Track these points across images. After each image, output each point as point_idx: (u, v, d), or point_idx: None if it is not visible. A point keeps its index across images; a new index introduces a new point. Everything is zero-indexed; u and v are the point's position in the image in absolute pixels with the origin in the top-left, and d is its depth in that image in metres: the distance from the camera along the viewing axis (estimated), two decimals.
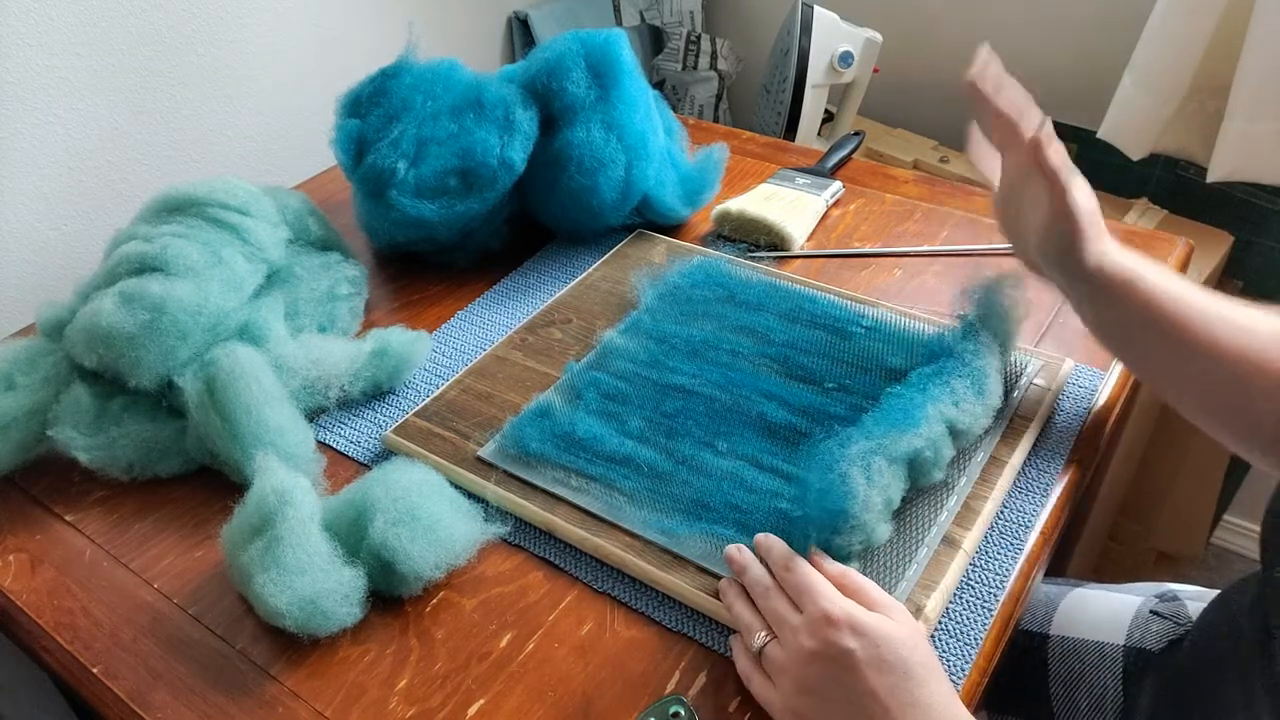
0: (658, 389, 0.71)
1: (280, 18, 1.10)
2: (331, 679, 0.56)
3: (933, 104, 1.46)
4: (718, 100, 1.60)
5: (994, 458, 0.64)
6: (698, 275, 0.81)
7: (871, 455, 0.55)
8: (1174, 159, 1.20)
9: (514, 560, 0.63)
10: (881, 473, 0.55)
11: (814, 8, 1.27)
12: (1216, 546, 1.54)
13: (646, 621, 0.58)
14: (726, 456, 0.65)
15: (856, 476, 0.54)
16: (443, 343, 0.82)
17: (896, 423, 0.58)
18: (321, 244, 0.86)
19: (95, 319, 0.67)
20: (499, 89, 0.86)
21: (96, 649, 0.59)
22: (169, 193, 0.76)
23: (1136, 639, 0.69)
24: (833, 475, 0.55)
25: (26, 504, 0.69)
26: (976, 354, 0.63)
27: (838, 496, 0.54)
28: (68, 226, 0.97)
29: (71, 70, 0.92)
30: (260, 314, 0.73)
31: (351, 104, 0.89)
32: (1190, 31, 1.02)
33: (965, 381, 0.61)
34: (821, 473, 0.56)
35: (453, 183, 0.84)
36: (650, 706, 0.53)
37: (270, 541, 0.57)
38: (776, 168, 1.00)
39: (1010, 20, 1.33)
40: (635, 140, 0.86)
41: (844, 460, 0.55)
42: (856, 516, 0.54)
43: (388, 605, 0.60)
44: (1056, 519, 0.63)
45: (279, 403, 0.67)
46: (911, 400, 0.60)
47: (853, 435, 0.58)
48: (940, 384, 0.61)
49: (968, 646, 0.55)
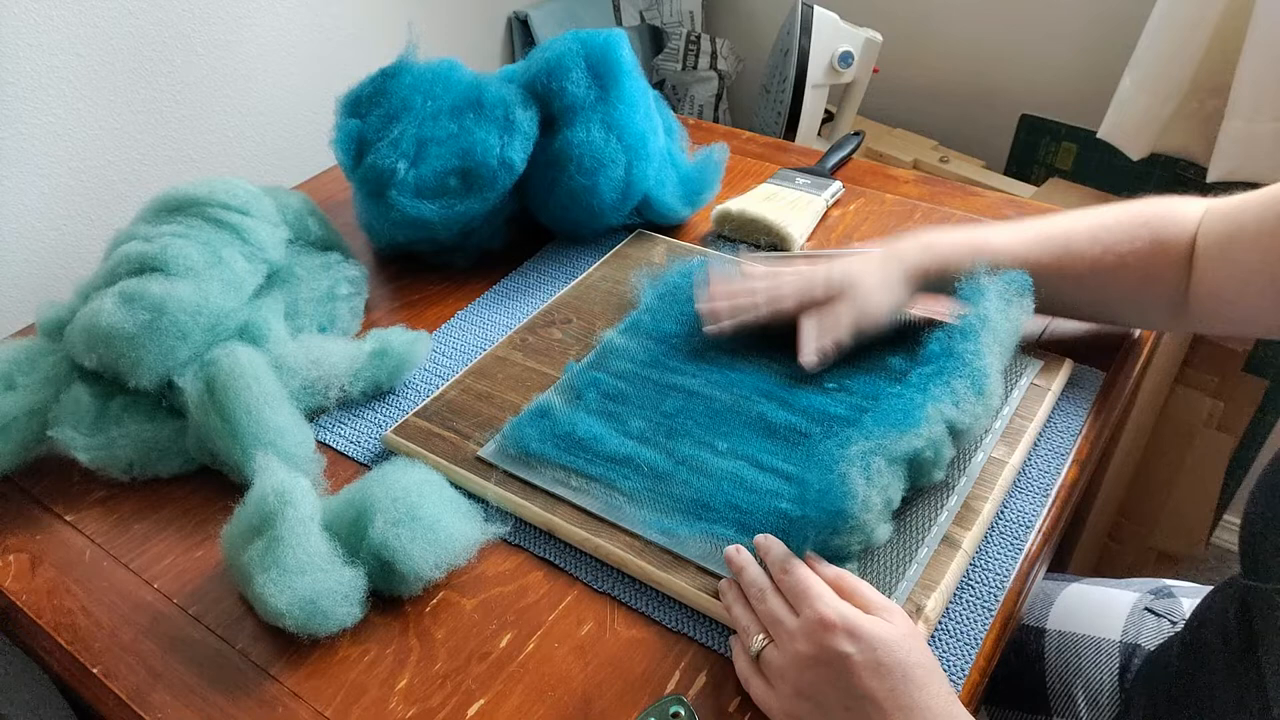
0: (658, 389, 0.71)
1: (280, 18, 1.10)
2: (331, 679, 0.56)
3: (933, 104, 1.46)
4: (718, 100, 1.60)
5: (994, 458, 0.64)
6: (698, 275, 0.81)
7: (871, 455, 0.55)
8: (1174, 159, 1.20)
9: (514, 560, 0.63)
10: (881, 473, 0.55)
11: (814, 8, 1.27)
12: (1216, 546, 1.54)
13: (646, 621, 0.58)
14: (726, 456, 0.65)
15: (856, 477, 0.54)
16: (443, 343, 0.82)
17: (896, 423, 0.58)
18: (321, 244, 0.86)
19: (95, 319, 0.67)
20: (499, 89, 0.86)
21: (96, 649, 0.59)
22: (169, 193, 0.76)
23: (1132, 635, 0.69)
24: (832, 476, 0.55)
25: (26, 504, 0.69)
26: (977, 354, 0.63)
27: (837, 496, 0.54)
28: (68, 226, 0.97)
29: (71, 70, 0.93)
30: (260, 314, 0.73)
31: (351, 104, 0.89)
32: (1190, 31, 1.02)
33: (965, 381, 0.61)
34: (821, 473, 0.56)
35: (453, 183, 0.84)
36: (650, 706, 0.53)
37: (270, 542, 0.57)
38: (776, 168, 1.00)
39: (1010, 20, 1.33)
40: (635, 140, 0.86)
41: (843, 460, 0.55)
42: (856, 516, 0.54)
43: (388, 605, 0.60)
44: (1056, 519, 0.63)
45: (279, 403, 0.67)
46: (911, 400, 0.60)
47: (852, 436, 0.58)
48: (940, 384, 0.61)
49: (968, 647, 0.55)
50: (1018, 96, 1.35)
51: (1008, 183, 1.31)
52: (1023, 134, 1.36)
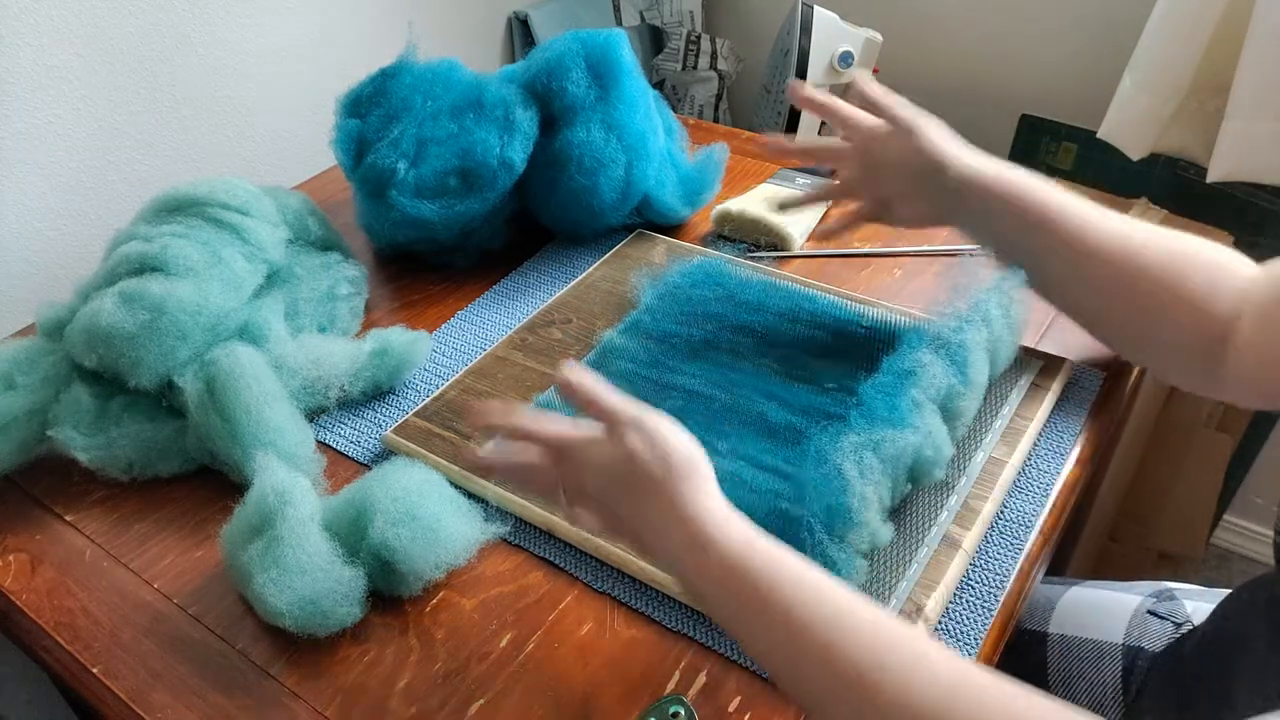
0: (658, 389, 0.71)
1: (280, 18, 1.10)
2: (331, 679, 0.56)
3: (933, 104, 1.46)
4: (718, 100, 1.60)
5: (994, 458, 0.64)
6: (698, 275, 0.81)
7: (862, 450, 0.55)
8: (1174, 159, 1.20)
9: (514, 560, 0.63)
10: (873, 469, 0.55)
11: (814, 8, 1.27)
12: (1216, 546, 1.54)
13: (646, 621, 0.58)
14: (726, 456, 0.65)
15: (850, 469, 0.54)
16: (443, 343, 0.82)
17: (884, 418, 0.58)
18: (321, 244, 0.86)
19: (95, 319, 0.67)
20: (499, 89, 0.86)
21: (96, 649, 0.59)
22: (169, 193, 0.76)
23: (1135, 638, 0.69)
24: (826, 468, 0.55)
25: (26, 504, 0.69)
26: (958, 330, 0.62)
27: (834, 490, 0.54)
28: (68, 226, 0.97)
29: (71, 70, 0.92)
30: (260, 314, 0.73)
31: (351, 104, 0.89)
32: (1190, 31, 1.02)
33: (946, 362, 0.61)
34: (814, 467, 0.56)
35: (453, 183, 0.84)
36: (650, 706, 0.53)
37: (270, 541, 0.57)
38: (776, 168, 1.00)
39: (1010, 20, 1.33)
40: (635, 140, 0.86)
41: (836, 454, 0.55)
42: (857, 512, 0.54)
43: (388, 605, 0.60)
44: (1056, 519, 0.63)
45: (279, 403, 0.67)
46: (897, 393, 0.59)
47: (841, 431, 0.58)
48: (922, 369, 0.60)
49: (968, 646, 0.55)
50: (1018, 96, 1.35)
51: None
52: (1023, 134, 1.36)
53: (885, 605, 0.55)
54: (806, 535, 0.55)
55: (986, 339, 0.63)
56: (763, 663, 0.47)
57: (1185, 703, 0.61)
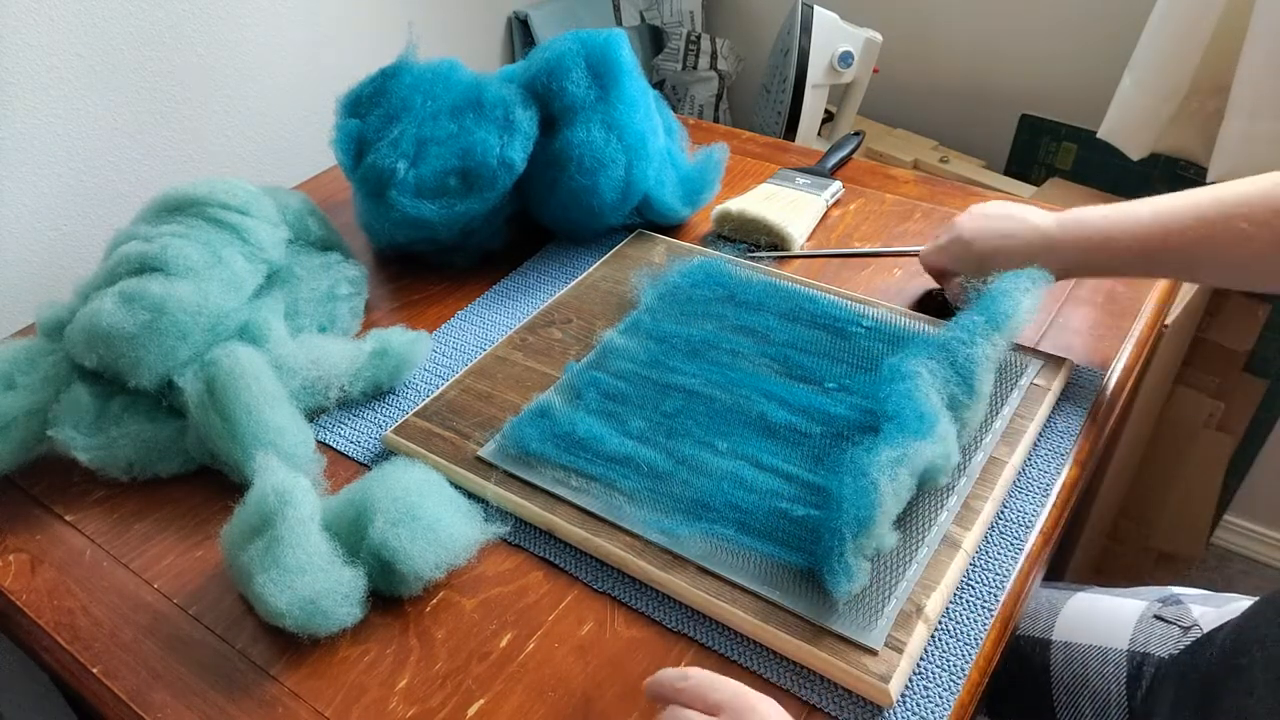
0: (658, 389, 0.71)
1: (281, 18, 1.10)
2: (331, 679, 0.56)
3: (933, 104, 1.46)
4: (718, 100, 1.60)
5: (994, 458, 0.64)
6: (698, 275, 0.81)
7: (897, 466, 0.55)
8: (1174, 159, 1.20)
9: (514, 560, 0.63)
10: (904, 485, 0.55)
11: (814, 8, 1.27)
12: (1216, 546, 1.54)
13: (646, 621, 0.58)
14: (726, 456, 0.65)
15: (885, 486, 0.54)
16: (443, 343, 0.82)
17: (916, 430, 0.58)
18: (321, 244, 0.86)
19: (95, 319, 0.67)
20: (499, 89, 0.86)
21: (96, 649, 0.59)
22: (169, 193, 0.76)
23: (1140, 643, 0.69)
24: (865, 481, 0.55)
25: (26, 504, 0.69)
26: (968, 343, 0.62)
27: (867, 504, 0.54)
28: (68, 226, 0.97)
29: (71, 70, 0.93)
30: (260, 314, 0.73)
31: (351, 104, 0.89)
32: (1190, 31, 1.02)
33: (954, 373, 0.61)
34: (854, 479, 0.55)
35: (453, 183, 0.84)
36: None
37: (270, 541, 0.57)
38: (776, 168, 1.00)
39: (1010, 20, 1.33)
40: (635, 140, 0.86)
41: (873, 468, 0.55)
42: (879, 524, 0.54)
43: (388, 605, 0.60)
44: (1056, 519, 0.63)
45: (279, 403, 0.67)
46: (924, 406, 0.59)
47: (875, 444, 0.57)
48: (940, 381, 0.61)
49: (968, 646, 0.55)
50: (1018, 96, 1.35)
51: (1008, 183, 1.31)
52: (1023, 134, 1.36)
53: (885, 605, 0.55)
54: (835, 544, 0.54)
55: (993, 352, 0.64)
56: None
57: (1203, 713, 0.60)
